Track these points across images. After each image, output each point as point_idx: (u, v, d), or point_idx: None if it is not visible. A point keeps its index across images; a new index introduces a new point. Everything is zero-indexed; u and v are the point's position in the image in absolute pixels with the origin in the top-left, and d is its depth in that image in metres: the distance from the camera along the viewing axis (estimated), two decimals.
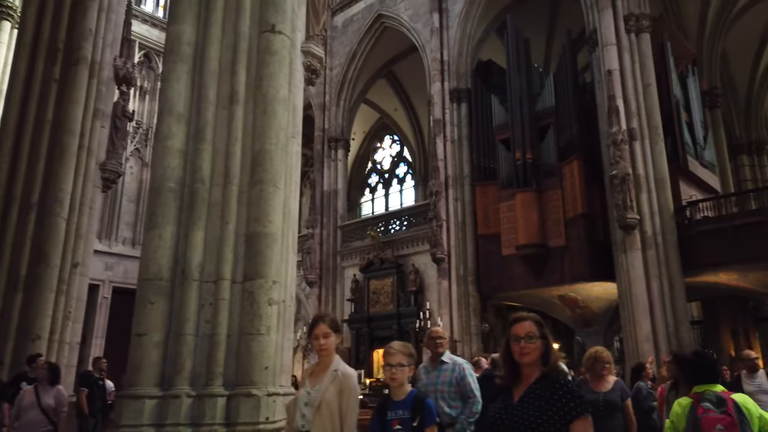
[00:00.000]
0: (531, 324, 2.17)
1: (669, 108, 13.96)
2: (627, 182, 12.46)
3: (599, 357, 4.64)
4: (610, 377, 4.64)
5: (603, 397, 4.48)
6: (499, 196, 15.82)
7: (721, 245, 11.95)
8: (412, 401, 2.89)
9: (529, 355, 2.13)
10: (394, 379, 2.91)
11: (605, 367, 4.59)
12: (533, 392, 2.09)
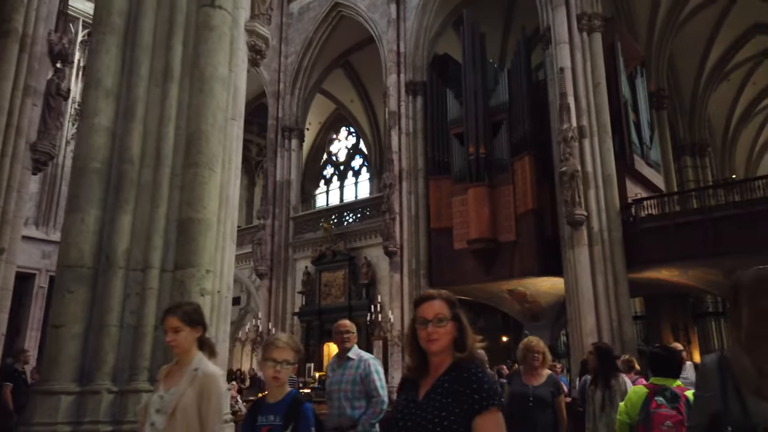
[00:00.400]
0: (441, 304, 1.82)
1: (618, 107, 14.26)
2: (576, 179, 12.66)
3: (530, 347, 4.45)
4: (544, 371, 4.45)
5: (533, 391, 4.30)
6: (452, 190, 15.84)
7: (663, 242, 12.29)
8: (288, 406, 2.46)
9: (437, 342, 1.78)
10: (277, 378, 2.46)
11: (536, 357, 4.38)
12: (441, 385, 1.77)
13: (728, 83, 22.35)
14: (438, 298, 1.85)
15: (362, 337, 16.61)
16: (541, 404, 4.27)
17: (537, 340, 4.53)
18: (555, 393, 4.37)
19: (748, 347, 1.59)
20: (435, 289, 2.07)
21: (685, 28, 18.81)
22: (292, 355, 2.50)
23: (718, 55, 20.63)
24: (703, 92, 21.04)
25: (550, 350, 13.88)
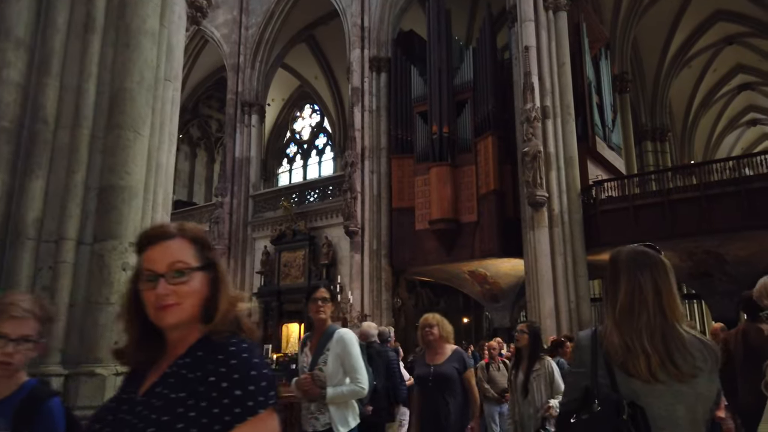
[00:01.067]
0: (182, 244, 1.16)
1: (581, 89, 14.17)
2: (538, 160, 12.54)
3: (422, 322, 4.12)
4: (445, 347, 4.05)
5: (434, 371, 3.95)
6: (415, 169, 15.59)
7: (623, 224, 12.31)
8: (20, 404, 1.59)
9: (175, 309, 1.12)
10: (8, 363, 1.59)
11: (428, 331, 4.02)
12: (176, 374, 1.11)
13: (690, 70, 22.61)
14: (178, 236, 1.17)
15: None
16: (444, 384, 3.89)
17: (432, 315, 4.18)
18: (460, 369, 3.96)
19: (619, 322, 1.56)
20: (398, 269, 1.65)
21: (649, 12, 18.86)
22: (35, 328, 1.63)
23: (681, 41, 20.82)
24: (666, 78, 21.24)
25: (508, 332, 13.65)
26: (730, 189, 11.14)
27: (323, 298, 3.35)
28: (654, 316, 1.53)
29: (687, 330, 1.55)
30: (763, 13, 18.70)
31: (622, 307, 1.57)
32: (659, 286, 1.56)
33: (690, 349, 1.50)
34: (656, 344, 1.50)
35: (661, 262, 1.63)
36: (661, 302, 1.54)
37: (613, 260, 1.69)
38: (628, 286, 1.58)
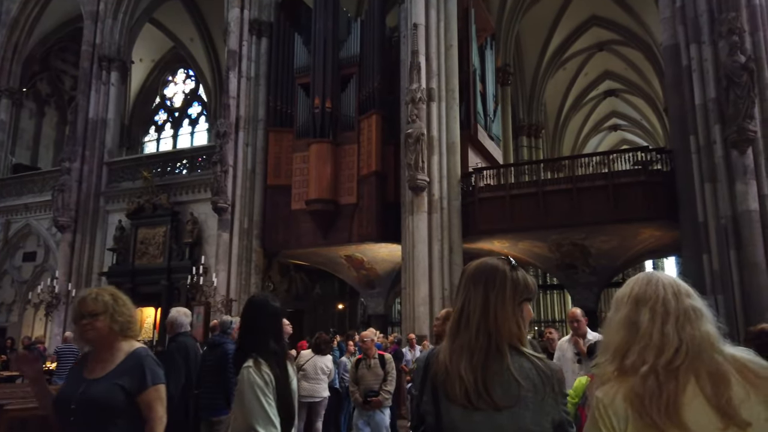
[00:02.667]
0: None
1: (467, 75, 14.01)
2: (421, 143, 12.13)
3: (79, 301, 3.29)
4: (122, 345, 3.29)
5: (82, 392, 3.00)
6: (294, 145, 14.59)
7: (499, 213, 12.33)
8: None
9: None
10: None
11: (86, 323, 3.06)
12: None
13: (564, 71, 23.76)
14: None
15: (181, 302, 14.85)
16: (94, 417, 2.82)
17: (103, 289, 3.39)
18: (133, 389, 3.05)
19: (449, 340, 1.46)
20: (270, 251, 0.90)
21: (532, 9, 19.34)
22: None
23: (559, 42, 21.70)
24: (543, 76, 22.07)
25: (383, 319, 13.19)
26: (599, 183, 11.50)
27: None
28: (477, 336, 1.40)
29: (524, 351, 1.40)
30: (634, 23, 19.97)
31: (453, 324, 1.47)
32: (490, 303, 1.42)
33: (515, 374, 1.36)
34: (474, 367, 1.37)
35: (502, 277, 1.46)
36: (488, 321, 1.41)
37: (462, 272, 1.57)
38: (461, 301, 1.48)
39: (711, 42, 10.03)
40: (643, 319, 1.19)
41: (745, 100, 9.32)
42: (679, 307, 1.19)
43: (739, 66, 9.35)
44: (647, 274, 1.28)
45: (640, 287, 1.24)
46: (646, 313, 1.20)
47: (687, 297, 1.21)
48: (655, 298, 1.21)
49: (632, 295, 1.24)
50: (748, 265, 9.39)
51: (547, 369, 1.39)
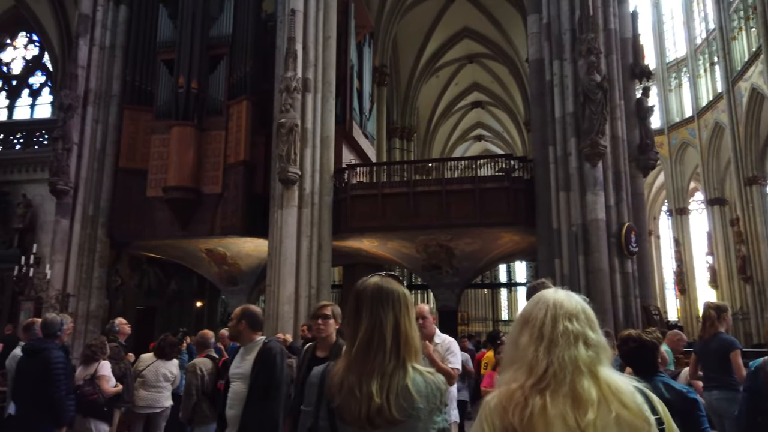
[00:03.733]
0: None
1: (344, 70, 13.75)
2: (294, 134, 11.59)
3: None
4: None
5: None
6: (152, 126, 13.28)
7: (371, 211, 12.20)
8: None
9: None
10: None
11: None
12: None
13: (437, 79, 24.57)
14: None
15: (7, 296, 12.84)
16: None
17: None
18: None
19: (353, 362, 1.47)
20: (119, 242, 0.37)
21: (410, 14, 19.66)
22: None
23: (433, 50, 22.35)
24: (418, 81, 22.58)
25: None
26: (467, 186, 11.83)
27: None
28: (389, 357, 1.45)
29: (417, 368, 1.48)
30: (502, 39, 21.12)
31: (360, 346, 1.48)
32: (400, 324, 1.49)
33: (412, 390, 1.43)
34: (383, 387, 1.42)
35: (404, 297, 1.55)
36: (400, 343, 1.47)
37: (357, 293, 1.58)
38: (369, 323, 1.49)
39: (572, 60, 10.73)
40: (522, 340, 1.24)
41: (598, 117, 10.07)
42: (553, 331, 1.22)
43: (595, 84, 10.08)
44: (541, 294, 1.31)
45: (530, 307, 1.29)
46: (525, 333, 1.24)
47: (566, 320, 1.24)
48: (535, 320, 1.25)
49: (523, 314, 1.29)
50: (594, 271, 10.16)
51: (436, 383, 1.48)
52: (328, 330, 3.33)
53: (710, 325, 4.00)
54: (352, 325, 1.54)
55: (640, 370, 2.49)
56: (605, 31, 10.92)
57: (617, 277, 10.23)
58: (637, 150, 11.05)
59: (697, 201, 30.07)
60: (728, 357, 3.83)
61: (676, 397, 2.33)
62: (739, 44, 23.49)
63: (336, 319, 3.36)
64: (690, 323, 26.44)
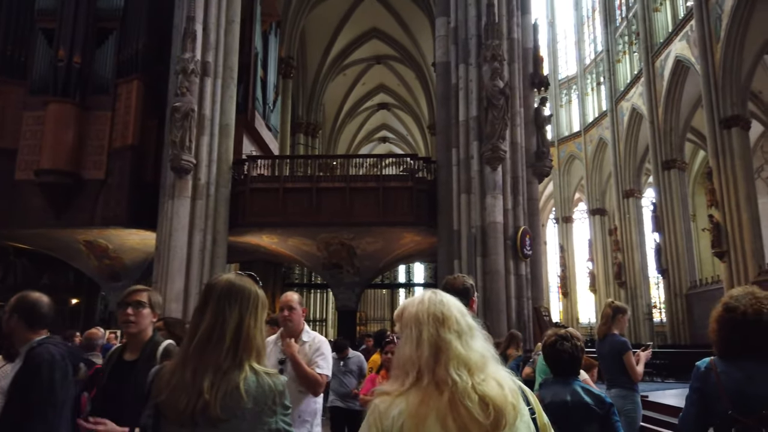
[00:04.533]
0: None
1: (248, 57, 13.13)
2: (190, 119, 10.83)
3: None
4: None
5: None
6: (26, 101, 11.89)
7: (271, 206, 11.68)
8: None
9: None
10: None
11: None
12: None
13: (345, 77, 24.35)
14: None
15: None
16: None
17: None
18: None
19: (191, 356, 1.44)
20: None
21: (319, 8, 19.28)
22: None
23: (341, 47, 22.11)
24: (325, 77, 22.23)
25: None
26: (371, 184, 11.68)
27: None
28: (227, 355, 1.43)
29: (255, 368, 1.46)
30: (410, 42, 21.32)
31: (201, 341, 1.45)
32: (244, 323, 1.48)
33: (242, 389, 1.41)
34: (215, 384, 1.40)
35: (255, 297, 1.54)
36: (240, 341, 1.46)
37: (206, 288, 1.55)
38: (212, 318, 1.47)
39: (477, 64, 10.95)
40: (448, 337, 1.25)
41: (500, 122, 10.32)
42: (467, 325, 1.28)
43: (498, 90, 10.33)
44: (433, 295, 1.33)
45: (436, 306, 1.30)
46: (447, 331, 1.26)
47: (467, 316, 1.30)
48: (450, 317, 1.28)
49: (431, 314, 1.28)
50: (491, 272, 10.39)
51: (270, 383, 1.46)
52: (140, 323, 2.45)
53: (604, 323, 4.07)
54: (196, 319, 1.49)
55: (563, 374, 2.45)
56: (509, 39, 11.26)
57: (512, 278, 10.54)
58: (534, 157, 11.48)
59: (581, 210, 32.34)
60: (621, 359, 3.92)
61: (596, 402, 2.32)
62: (623, 67, 25.49)
63: (154, 309, 2.53)
64: (571, 324, 28.28)
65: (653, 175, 22.07)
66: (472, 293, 2.50)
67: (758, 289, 1.92)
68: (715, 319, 1.93)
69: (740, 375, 1.79)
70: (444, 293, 1.35)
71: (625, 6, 25.74)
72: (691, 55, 18.97)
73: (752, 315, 1.82)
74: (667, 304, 21.21)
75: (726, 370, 1.83)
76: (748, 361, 1.79)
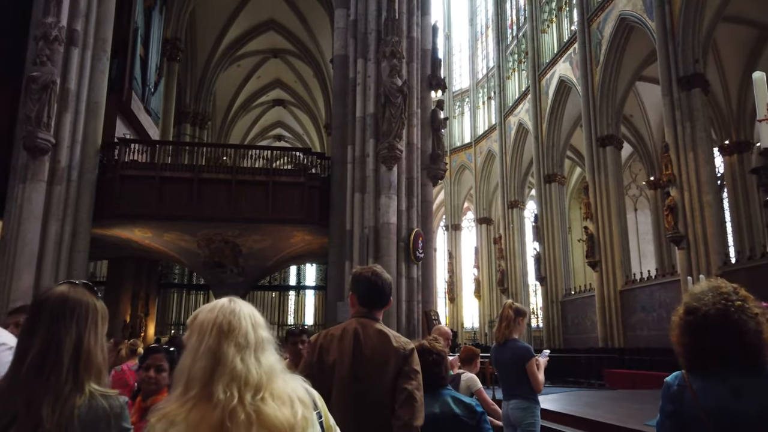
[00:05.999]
0: None
1: (126, 32, 11.88)
2: (50, 92, 9.47)
3: None
4: None
5: None
6: None
7: (146, 196, 10.51)
8: None
9: None
10: None
11: None
12: None
13: (239, 69, 23.15)
14: None
15: None
16: None
17: None
18: None
19: (22, 383, 1.25)
20: None
21: None
22: None
23: (236, 36, 20.97)
24: (217, 66, 20.95)
25: None
26: (260, 178, 10.92)
27: None
28: (66, 379, 1.27)
29: (94, 390, 1.29)
30: (308, 38, 20.69)
31: (32, 365, 1.27)
32: (84, 341, 1.33)
33: (75, 415, 1.26)
34: (56, 411, 1.24)
35: (94, 310, 1.38)
36: (80, 361, 1.31)
37: (36, 303, 1.38)
38: (46, 338, 1.30)
39: (376, 60, 10.64)
40: (227, 351, 1.18)
41: (397, 121, 10.08)
42: (256, 339, 1.23)
43: (396, 88, 10.09)
44: (229, 303, 1.27)
45: (224, 316, 1.23)
46: (230, 344, 1.20)
47: (261, 329, 1.26)
48: (239, 329, 1.22)
49: (217, 324, 1.22)
50: None
51: (105, 406, 1.30)
52: None
53: (506, 326, 3.74)
54: (24, 340, 1.32)
55: (429, 384, 2.32)
56: (408, 38, 11.10)
57: (403, 281, 10.31)
58: (429, 159, 11.38)
59: (469, 219, 33.49)
60: (524, 367, 3.62)
61: (466, 412, 2.28)
62: (513, 83, 26.71)
63: None
64: (457, 329, 29.03)
65: (536, 188, 23.24)
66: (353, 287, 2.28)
67: (724, 282, 1.55)
68: (677, 325, 1.55)
69: (723, 391, 1.42)
70: (242, 302, 1.27)
71: (516, 26, 27.02)
72: (574, 76, 20.19)
73: (716, 317, 1.46)
74: (544, 310, 22.35)
75: (704, 386, 1.45)
76: (730, 374, 1.44)
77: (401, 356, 2.04)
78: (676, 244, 14.57)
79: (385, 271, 2.30)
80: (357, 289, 2.23)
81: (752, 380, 1.41)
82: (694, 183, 13.88)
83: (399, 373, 2.03)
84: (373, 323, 2.17)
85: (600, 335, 17.90)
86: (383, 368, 2.03)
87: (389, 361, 2.05)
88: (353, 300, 2.25)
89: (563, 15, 22.05)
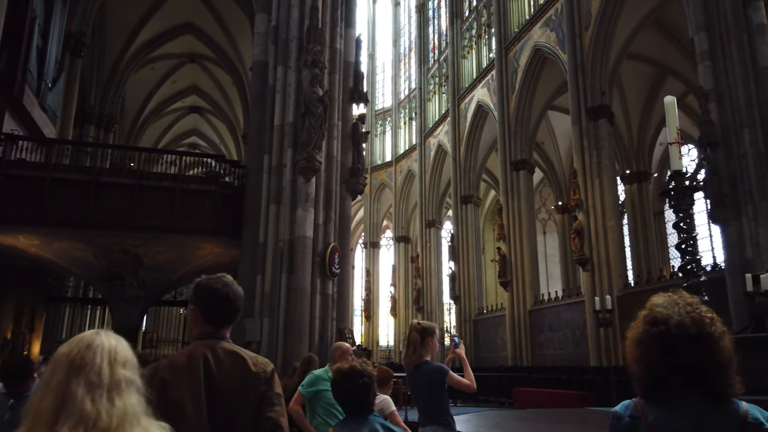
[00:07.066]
0: None
1: (22, 20, 10.80)
2: None
3: None
4: None
5: None
6: None
7: (35, 198, 9.47)
8: None
9: None
10: None
11: None
12: None
13: (152, 71, 21.98)
14: None
15: None
16: None
17: None
18: None
19: None
20: None
21: None
22: None
23: (150, 36, 19.91)
24: (126, 66, 19.74)
25: None
26: (166, 184, 10.19)
27: None
28: None
29: None
30: (228, 45, 20.02)
31: None
32: None
33: None
34: None
35: None
36: None
37: None
38: None
39: (297, 68, 10.33)
40: (76, 389, 1.06)
41: (317, 131, 9.79)
42: (112, 378, 1.11)
43: (317, 98, 9.82)
44: (91, 335, 1.15)
45: (79, 350, 1.11)
46: (80, 381, 1.07)
47: (122, 366, 1.13)
48: (92, 365, 1.10)
49: (69, 358, 1.10)
50: (296, 290, 9.64)
51: None
52: None
53: (412, 352, 3.48)
54: None
55: (356, 410, 2.26)
56: (331, 48, 10.90)
57: (318, 297, 9.93)
58: (349, 173, 11.16)
59: (388, 237, 33.59)
60: (442, 389, 3.37)
61: None
62: (433, 105, 27.28)
63: None
64: (373, 347, 28.83)
65: (452, 208, 23.67)
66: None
67: (686, 293, 1.34)
68: (636, 341, 1.30)
69: (683, 422, 1.20)
70: (110, 336, 1.15)
71: (438, 50, 27.72)
72: (491, 101, 20.88)
73: (691, 327, 1.24)
74: (458, 329, 22.64)
75: (661, 417, 1.23)
76: (694, 402, 1.22)
77: (262, 381, 1.73)
78: (582, 266, 15.23)
79: (235, 282, 1.93)
80: (200, 302, 1.84)
81: (717, 413, 1.21)
82: (599, 208, 14.62)
83: (261, 401, 1.69)
84: (224, 344, 1.79)
85: (510, 354, 18.31)
86: (243, 399, 1.71)
87: (248, 390, 1.70)
88: (195, 316, 1.84)
89: (482, 42, 22.85)
